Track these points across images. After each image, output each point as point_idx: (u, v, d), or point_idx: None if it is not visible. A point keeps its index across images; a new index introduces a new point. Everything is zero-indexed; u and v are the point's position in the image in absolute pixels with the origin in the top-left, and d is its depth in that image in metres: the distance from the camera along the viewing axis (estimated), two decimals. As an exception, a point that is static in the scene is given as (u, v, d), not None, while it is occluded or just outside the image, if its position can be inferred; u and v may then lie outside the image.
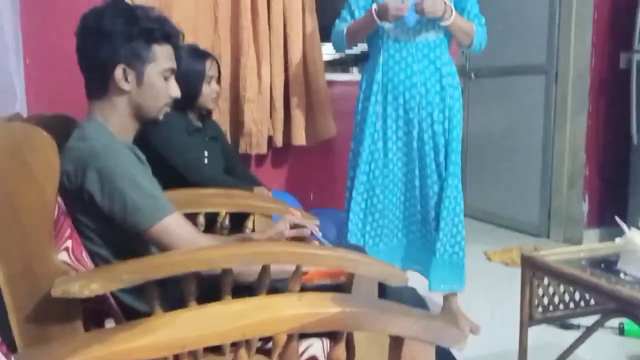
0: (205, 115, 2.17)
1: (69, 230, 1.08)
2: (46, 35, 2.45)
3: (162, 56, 1.26)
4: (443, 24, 2.09)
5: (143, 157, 1.26)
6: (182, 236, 1.15)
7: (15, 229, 0.99)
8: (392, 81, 2.19)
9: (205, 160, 2.10)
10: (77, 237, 1.11)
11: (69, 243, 1.06)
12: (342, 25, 2.22)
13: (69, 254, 1.05)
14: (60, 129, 1.21)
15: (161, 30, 1.24)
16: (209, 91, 2.06)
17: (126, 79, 1.23)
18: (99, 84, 1.25)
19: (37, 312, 0.98)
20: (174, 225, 1.15)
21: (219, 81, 2.15)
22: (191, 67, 1.98)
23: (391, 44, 2.18)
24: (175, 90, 1.30)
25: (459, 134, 2.22)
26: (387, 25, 2.13)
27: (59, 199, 1.07)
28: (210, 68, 2.06)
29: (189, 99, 1.92)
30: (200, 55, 2.06)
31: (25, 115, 1.60)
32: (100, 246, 1.20)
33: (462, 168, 2.35)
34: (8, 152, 1.03)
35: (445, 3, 2.04)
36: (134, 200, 1.13)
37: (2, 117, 1.40)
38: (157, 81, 1.26)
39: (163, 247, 1.15)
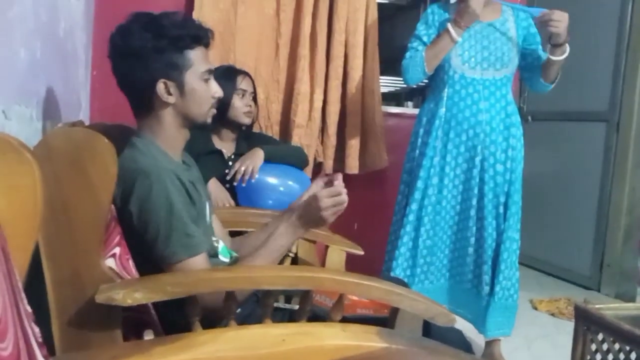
0: (245, 131, 2.20)
1: (118, 237, 1.09)
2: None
3: (197, 60, 1.24)
4: (555, 57, 2.04)
5: (188, 180, 1.25)
6: None
7: (67, 233, 1.00)
8: (455, 117, 2.14)
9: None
10: (124, 244, 1.11)
11: (117, 250, 1.07)
12: (417, 54, 2.13)
13: (115, 261, 1.05)
14: (121, 138, 1.23)
15: (190, 35, 1.22)
16: (241, 105, 2.10)
17: (169, 92, 1.22)
18: (143, 103, 1.25)
19: (79, 317, 0.98)
20: (197, 266, 1.15)
21: (256, 101, 2.19)
22: (222, 82, 2.02)
23: (457, 79, 2.13)
24: (217, 90, 1.29)
25: (520, 173, 2.15)
26: (454, 61, 2.10)
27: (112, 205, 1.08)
28: (241, 83, 2.12)
29: (220, 112, 1.95)
30: (232, 72, 2.14)
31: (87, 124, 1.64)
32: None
33: (515, 211, 2.27)
34: (68, 157, 1.04)
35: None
36: (166, 234, 1.13)
37: (65, 123, 1.44)
38: (198, 86, 1.25)
39: None
